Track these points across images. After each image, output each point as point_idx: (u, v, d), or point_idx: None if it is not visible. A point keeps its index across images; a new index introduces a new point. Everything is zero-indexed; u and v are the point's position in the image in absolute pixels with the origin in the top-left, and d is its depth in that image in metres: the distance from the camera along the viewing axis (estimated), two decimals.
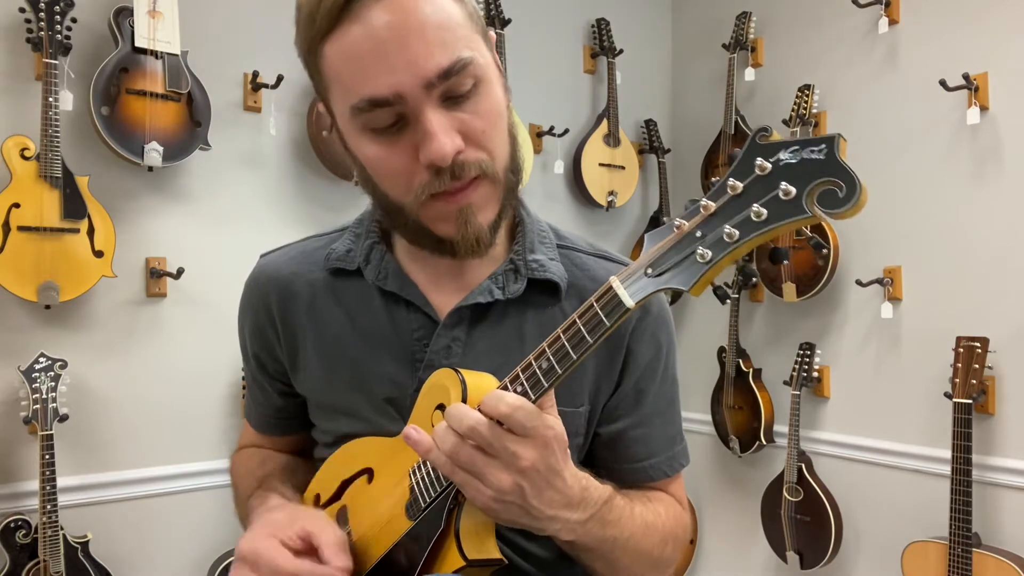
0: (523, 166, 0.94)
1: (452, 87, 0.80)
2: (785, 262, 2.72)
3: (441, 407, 0.85)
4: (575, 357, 0.74)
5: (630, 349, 0.98)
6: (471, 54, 0.80)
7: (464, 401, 0.82)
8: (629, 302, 0.70)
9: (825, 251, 2.66)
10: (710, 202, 0.65)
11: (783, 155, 0.61)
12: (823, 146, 0.59)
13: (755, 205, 0.62)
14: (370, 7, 0.78)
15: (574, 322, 0.74)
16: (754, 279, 2.88)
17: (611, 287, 0.72)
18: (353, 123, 0.84)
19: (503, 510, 0.78)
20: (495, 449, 0.75)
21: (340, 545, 0.87)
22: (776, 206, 0.62)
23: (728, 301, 2.95)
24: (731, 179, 0.64)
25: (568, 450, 0.80)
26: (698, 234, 0.66)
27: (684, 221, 0.67)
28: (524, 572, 0.97)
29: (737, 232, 0.64)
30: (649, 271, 0.69)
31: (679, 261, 0.67)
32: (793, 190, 0.61)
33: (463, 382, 0.83)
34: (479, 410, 0.76)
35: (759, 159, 0.62)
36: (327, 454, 1.04)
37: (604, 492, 0.86)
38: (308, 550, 0.86)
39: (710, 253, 0.65)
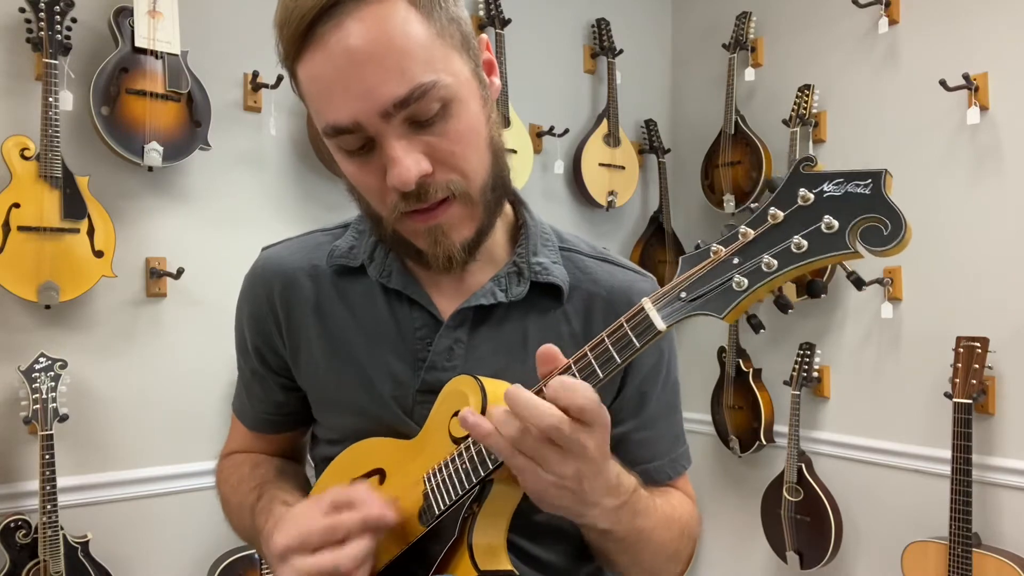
0: (508, 178, 0.93)
1: (415, 112, 0.79)
2: (823, 295, 2.72)
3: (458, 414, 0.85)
4: (601, 376, 0.74)
5: None
6: (434, 78, 0.78)
7: (483, 409, 0.82)
8: (661, 325, 0.70)
9: (866, 287, 2.68)
10: (749, 229, 0.65)
11: (827, 187, 0.61)
12: (869, 181, 0.59)
13: (796, 237, 0.62)
14: (331, 31, 0.77)
15: (603, 340, 0.74)
16: (789, 311, 2.88)
17: (643, 308, 0.72)
18: (328, 143, 0.84)
19: (559, 495, 0.77)
20: (567, 440, 0.73)
21: (370, 491, 0.87)
22: (817, 239, 0.61)
23: (762, 332, 2.96)
24: (772, 208, 0.63)
25: None
26: (735, 261, 0.66)
27: (721, 247, 0.66)
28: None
29: (776, 262, 0.63)
30: (683, 295, 0.69)
31: (714, 287, 0.67)
32: (836, 224, 0.60)
33: (482, 389, 0.83)
34: (547, 397, 0.73)
35: (802, 189, 0.62)
36: (329, 452, 1.03)
37: (632, 481, 0.86)
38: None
39: (747, 282, 0.65)
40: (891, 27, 2.65)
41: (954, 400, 2.22)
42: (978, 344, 2.24)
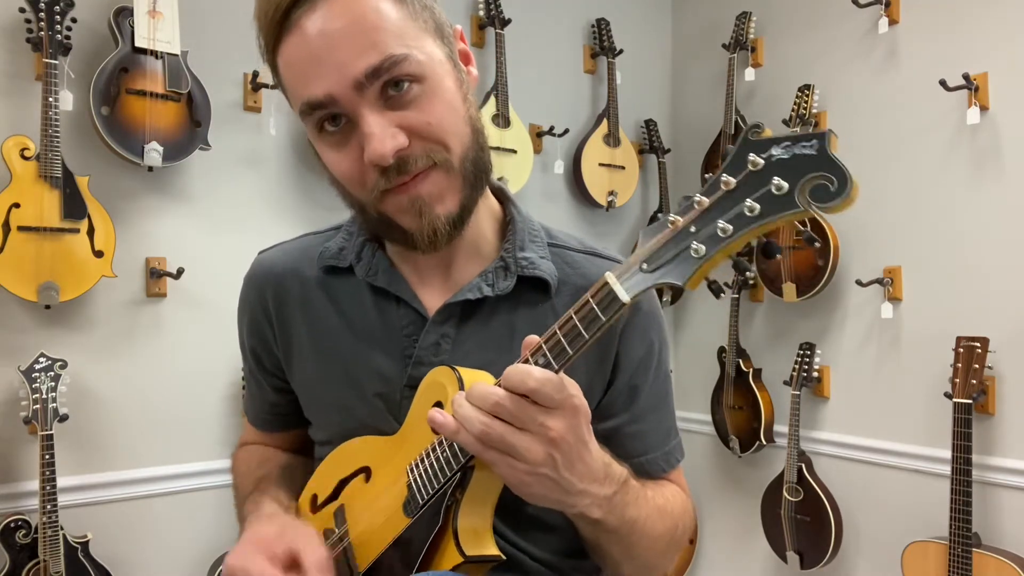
0: (488, 158, 0.94)
1: (389, 84, 0.81)
2: (778, 255, 2.71)
3: (439, 405, 0.86)
4: (571, 353, 0.75)
5: (621, 346, 0.99)
6: (405, 51, 0.81)
7: None
8: (625, 297, 0.71)
9: (818, 244, 2.66)
10: (704, 198, 0.66)
11: (775, 151, 0.62)
12: (814, 141, 0.60)
13: (748, 200, 0.63)
14: (306, 16, 0.80)
15: (570, 318, 0.75)
16: (749, 273, 2.88)
17: (606, 282, 0.73)
18: (307, 128, 0.87)
19: (536, 483, 0.78)
20: (523, 422, 0.75)
21: (324, 566, 0.87)
22: (769, 201, 0.62)
23: (722, 296, 2.94)
24: (724, 175, 0.64)
25: (591, 423, 0.81)
26: (692, 229, 0.67)
27: (678, 217, 0.67)
28: (522, 569, 0.97)
29: (731, 227, 0.64)
30: (644, 266, 0.70)
31: (674, 256, 0.68)
32: (785, 185, 0.61)
33: (460, 379, 0.84)
34: (502, 386, 0.76)
35: (751, 155, 0.63)
36: (320, 453, 1.05)
37: (623, 471, 0.87)
38: (294, 566, 0.87)
39: (704, 248, 0.66)
40: (891, 27, 2.64)
41: (954, 400, 2.21)
42: (978, 344, 2.23)
